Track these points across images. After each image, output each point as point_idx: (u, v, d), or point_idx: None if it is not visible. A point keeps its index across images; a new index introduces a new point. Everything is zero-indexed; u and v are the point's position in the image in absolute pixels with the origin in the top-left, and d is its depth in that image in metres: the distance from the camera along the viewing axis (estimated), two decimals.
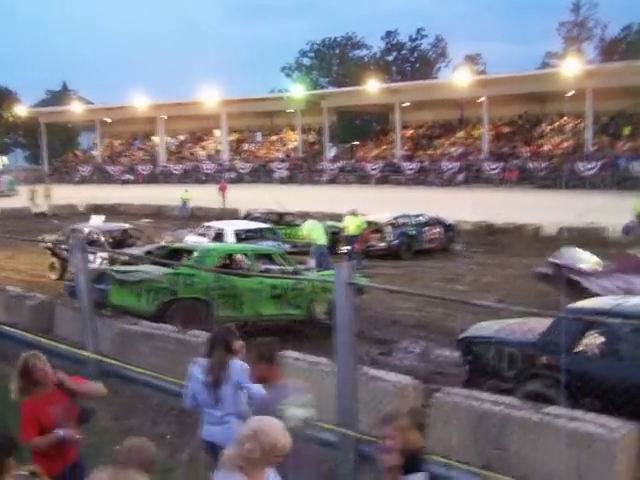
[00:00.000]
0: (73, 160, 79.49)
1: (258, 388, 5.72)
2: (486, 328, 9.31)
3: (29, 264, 22.85)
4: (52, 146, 79.51)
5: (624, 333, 7.97)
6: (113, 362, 9.10)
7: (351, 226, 23.01)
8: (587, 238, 26.28)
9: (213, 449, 5.68)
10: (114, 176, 71.10)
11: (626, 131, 53.96)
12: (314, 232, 21.33)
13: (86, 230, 20.23)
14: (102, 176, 71.39)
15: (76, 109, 74.48)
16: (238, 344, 6.01)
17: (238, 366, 5.79)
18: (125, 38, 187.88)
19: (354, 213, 23.48)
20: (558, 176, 50.82)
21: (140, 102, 68.74)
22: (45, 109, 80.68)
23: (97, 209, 42.81)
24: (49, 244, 20.32)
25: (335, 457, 6.77)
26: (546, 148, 56.32)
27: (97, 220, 23.90)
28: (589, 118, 53.11)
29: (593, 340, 7.98)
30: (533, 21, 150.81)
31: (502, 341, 8.64)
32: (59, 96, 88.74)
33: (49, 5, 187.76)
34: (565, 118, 58.47)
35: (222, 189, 43.73)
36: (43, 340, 10.77)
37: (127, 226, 22.29)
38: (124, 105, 71.15)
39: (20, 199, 46.00)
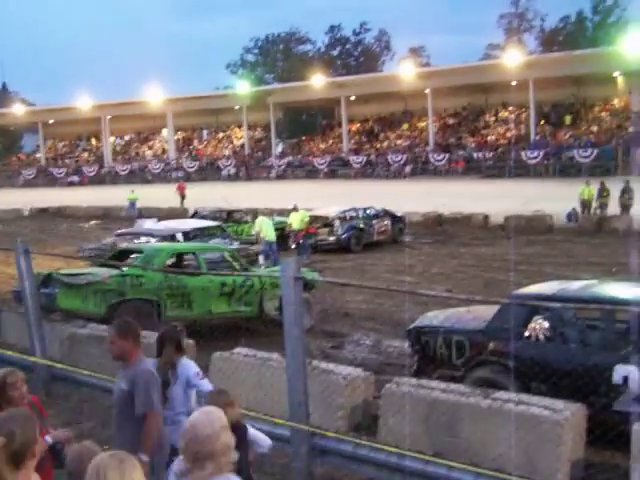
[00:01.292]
0: (16, 163, 78.05)
1: (208, 386, 5.72)
2: (434, 318, 9.40)
3: None
4: None
5: (568, 317, 8.13)
6: (61, 366, 8.99)
7: (295, 221, 23.19)
8: (533, 226, 26.80)
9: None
10: (59, 178, 70.07)
11: (567, 120, 54.99)
12: (264, 228, 21.39)
13: (142, 237, 19.86)
14: (47, 179, 70.28)
15: (17, 111, 73.24)
16: (187, 343, 6.00)
17: (187, 365, 5.78)
18: (67, 37, 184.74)
19: (295, 209, 23.78)
20: (503, 165, 51.63)
21: (84, 102, 67.86)
22: None
23: (43, 212, 42.29)
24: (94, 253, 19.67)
25: (289, 452, 6.80)
26: (491, 138, 57.09)
27: (150, 223, 22.99)
28: (532, 108, 53.99)
29: (538, 325, 8.11)
30: (475, 13, 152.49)
31: (450, 330, 8.74)
32: None
33: None
34: (509, 108, 59.30)
35: (180, 189, 43.04)
36: None
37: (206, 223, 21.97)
38: (67, 106, 70.15)
39: None
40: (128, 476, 2.93)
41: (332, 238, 24.85)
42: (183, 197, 41.78)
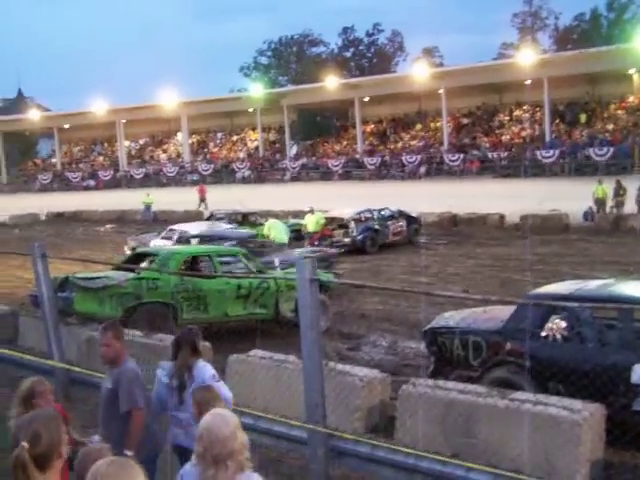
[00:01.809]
0: (32, 168, 78.54)
1: (224, 389, 5.73)
2: (450, 318, 9.38)
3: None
4: (10, 155, 78.44)
5: (585, 317, 8.09)
6: (79, 370, 9.03)
7: (310, 224, 23.26)
8: (549, 225, 26.68)
9: (180, 452, 5.68)
10: (75, 183, 70.43)
11: (582, 118, 54.70)
12: (274, 231, 21.38)
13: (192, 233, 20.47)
14: (63, 183, 70.67)
15: (33, 116, 73.62)
16: (203, 345, 6.01)
17: (203, 367, 5.79)
18: (81, 42, 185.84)
19: (311, 211, 23.84)
20: (518, 165, 51.42)
21: (98, 107, 68.19)
22: (1, 117, 79.60)
23: (59, 217, 42.54)
24: None
25: (305, 453, 6.80)
26: (505, 138, 56.88)
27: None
28: (546, 107, 53.73)
29: (555, 325, 8.07)
30: (488, 12, 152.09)
31: (466, 330, 8.71)
32: (15, 104, 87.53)
33: (1, 10, 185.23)
34: (523, 107, 59.07)
35: (201, 192, 42.33)
36: (7, 351, 10.67)
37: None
38: (82, 111, 70.49)
39: None
40: None
41: (347, 239, 24.84)
42: (203, 200, 41.19)
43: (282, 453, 7.22)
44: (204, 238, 19.62)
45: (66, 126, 74.86)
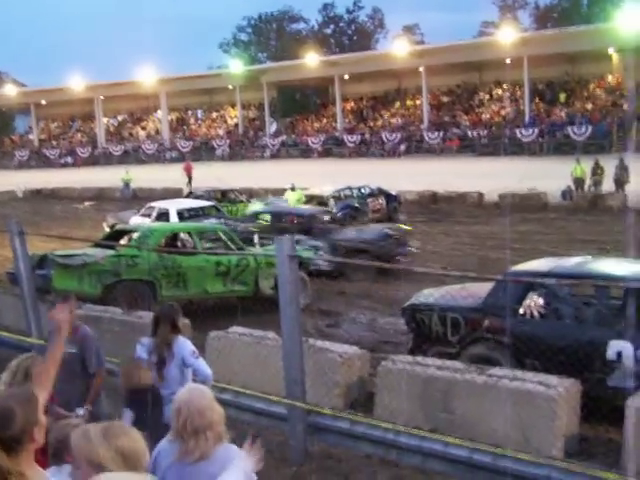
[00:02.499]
0: (9, 145, 77.70)
1: (203, 365, 5.75)
2: (429, 295, 9.43)
3: None
4: None
5: (562, 294, 8.17)
6: None
7: (291, 201, 23.22)
8: (528, 204, 26.84)
9: (162, 428, 5.69)
10: (53, 160, 69.76)
11: (562, 97, 54.86)
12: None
13: None
14: (40, 160, 69.95)
15: (9, 92, 72.65)
16: (182, 322, 6.02)
17: (183, 344, 5.80)
18: (57, 17, 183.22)
19: (292, 188, 23.82)
20: (498, 143, 51.55)
21: (76, 83, 67.43)
22: None
23: (37, 194, 42.20)
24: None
25: (285, 429, 6.84)
26: (485, 116, 56.96)
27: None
28: (526, 85, 53.81)
29: (533, 302, 8.15)
30: None
31: (445, 307, 8.77)
32: None
33: None
34: (503, 86, 59.13)
35: (187, 169, 40.98)
36: None
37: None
38: (60, 87, 69.68)
39: None
40: (114, 440, 2.92)
41: (327, 217, 24.81)
42: (190, 178, 39.80)
43: (261, 429, 7.26)
44: (274, 214, 19.69)
45: (43, 102, 74.02)
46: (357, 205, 25.35)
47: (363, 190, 26.29)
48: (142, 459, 2.94)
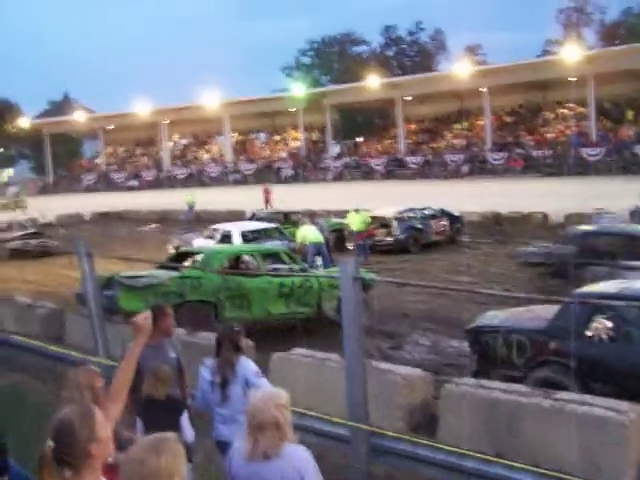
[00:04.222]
0: (78, 169, 79.72)
1: (266, 385, 5.76)
2: (494, 317, 9.31)
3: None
4: (56, 156, 79.70)
5: (632, 316, 7.97)
6: None
7: (356, 222, 23.18)
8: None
9: (223, 447, 5.72)
10: (119, 183, 71.32)
11: (629, 115, 53.80)
12: (308, 235, 21.00)
13: None
14: (107, 184, 71.60)
15: (79, 118, 74.64)
16: (246, 343, 6.05)
17: (246, 364, 5.83)
18: (124, 43, 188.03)
19: (356, 210, 23.78)
20: (563, 163, 50.74)
21: (142, 108, 68.95)
22: (48, 120, 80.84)
23: (104, 216, 43.13)
24: None
25: (347, 451, 6.80)
26: (550, 136, 56.20)
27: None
28: (591, 104, 52.95)
29: (601, 324, 7.97)
30: (532, 9, 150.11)
31: (510, 329, 8.64)
32: (61, 106, 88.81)
33: (46, 14, 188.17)
34: (568, 105, 58.29)
35: (265, 192, 39.90)
36: (54, 348, 10.84)
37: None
38: (126, 112, 71.36)
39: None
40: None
41: (390, 239, 24.78)
42: (267, 202, 39.04)
43: (324, 451, 7.23)
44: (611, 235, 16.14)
45: (110, 127, 75.83)
46: (420, 226, 25.25)
47: (426, 211, 26.18)
48: (178, 476, 2.92)
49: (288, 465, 3.87)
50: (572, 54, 52.14)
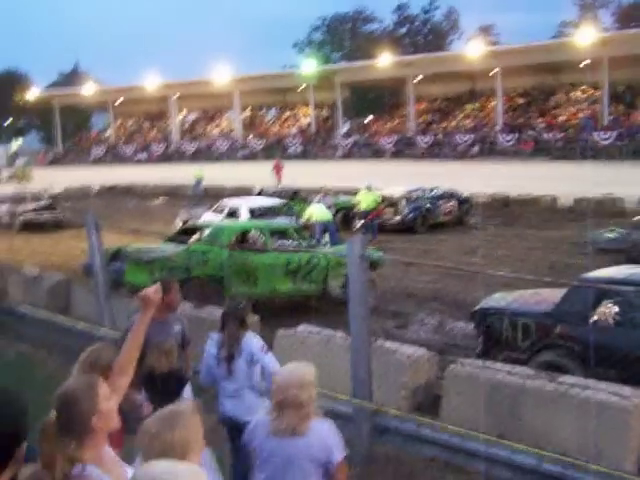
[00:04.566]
0: (86, 141, 79.71)
1: (272, 361, 5.77)
2: (500, 299, 9.30)
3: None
4: (66, 128, 79.69)
5: (638, 302, 7.94)
6: None
7: (366, 201, 23.11)
8: (604, 209, 26.16)
9: (228, 422, 5.75)
10: (127, 156, 71.30)
11: None
12: (315, 213, 20.99)
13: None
14: (115, 156, 71.60)
15: (88, 90, 74.49)
16: (251, 318, 6.06)
17: (252, 339, 5.84)
18: (135, 16, 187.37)
19: (369, 188, 23.64)
20: (574, 147, 50.43)
21: (152, 82, 68.76)
22: (58, 91, 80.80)
23: (112, 190, 43.16)
24: None
25: (350, 429, 6.81)
26: (561, 119, 55.84)
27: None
28: (605, 87, 52.51)
29: (608, 309, 7.95)
30: None
31: (516, 312, 8.63)
32: (71, 77, 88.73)
33: None
34: (581, 88, 57.85)
35: (277, 168, 39.97)
36: (61, 319, 10.90)
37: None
38: (136, 85, 71.21)
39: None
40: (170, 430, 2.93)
41: (397, 218, 24.72)
42: (278, 176, 39.01)
43: None
44: None
45: (120, 100, 75.67)
46: (428, 207, 25.18)
47: (434, 192, 26.09)
48: (193, 449, 2.92)
49: (314, 441, 3.95)
50: (587, 36, 51.64)
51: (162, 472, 2.25)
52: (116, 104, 76.53)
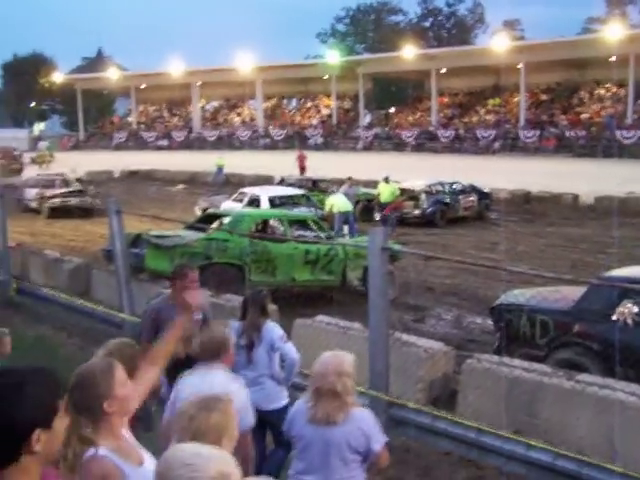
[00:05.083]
0: (109, 126, 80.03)
1: (292, 350, 5.80)
2: (519, 296, 9.26)
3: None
4: (88, 112, 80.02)
5: None
6: None
7: (384, 193, 23.07)
8: (626, 208, 25.94)
9: None
10: (149, 142, 71.52)
11: None
12: (336, 204, 21.00)
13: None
14: (137, 142, 71.82)
15: (112, 75, 74.75)
16: (271, 307, 6.08)
17: (272, 328, 5.87)
18: (159, 4, 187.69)
19: (387, 180, 23.59)
20: (596, 145, 50.04)
21: (175, 68, 68.88)
22: (81, 75, 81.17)
23: (133, 175, 43.36)
24: None
25: None
26: (584, 116, 55.40)
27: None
28: (630, 85, 51.99)
29: (628, 309, 7.90)
30: None
31: (535, 309, 8.59)
32: (95, 63, 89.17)
33: None
34: (606, 85, 57.33)
35: (300, 159, 39.95)
36: (81, 302, 10.99)
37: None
38: (159, 72, 71.34)
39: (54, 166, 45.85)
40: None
41: (417, 211, 24.68)
42: (303, 169, 38.88)
43: None
44: None
45: (143, 86, 75.86)
46: (448, 201, 25.11)
47: (455, 186, 26.02)
48: (226, 435, 2.96)
49: (353, 429, 3.98)
50: (614, 32, 51.09)
51: (192, 454, 2.25)
52: (139, 90, 76.73)
